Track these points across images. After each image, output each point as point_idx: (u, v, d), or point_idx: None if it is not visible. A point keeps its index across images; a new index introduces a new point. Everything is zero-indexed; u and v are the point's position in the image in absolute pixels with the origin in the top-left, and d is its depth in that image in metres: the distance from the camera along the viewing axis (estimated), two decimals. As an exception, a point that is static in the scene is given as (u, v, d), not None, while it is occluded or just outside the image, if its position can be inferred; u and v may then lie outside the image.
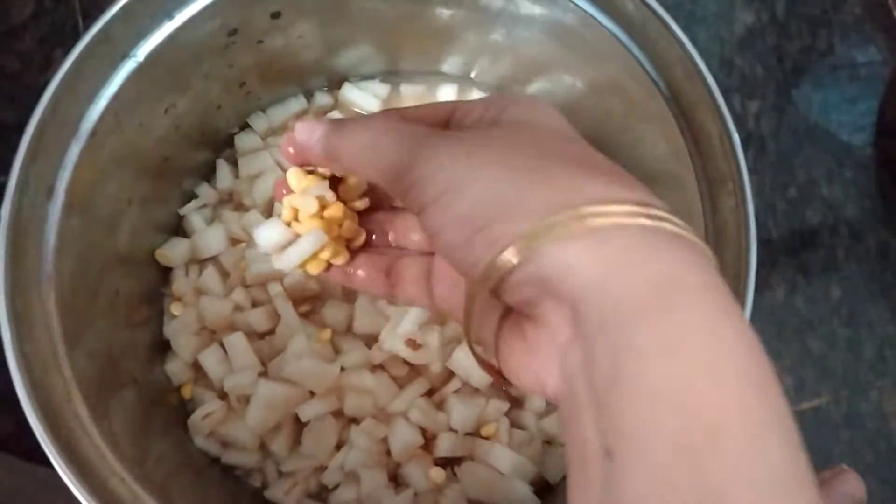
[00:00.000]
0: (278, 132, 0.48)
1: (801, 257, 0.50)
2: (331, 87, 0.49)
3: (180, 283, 0.44)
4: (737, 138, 0.34)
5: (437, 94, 0.50)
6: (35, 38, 0.51)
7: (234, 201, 0.47)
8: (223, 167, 0.47)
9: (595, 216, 0.18)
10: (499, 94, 0.49)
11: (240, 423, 0.41)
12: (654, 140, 0.39)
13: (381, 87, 0.49)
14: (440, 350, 0.41)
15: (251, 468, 0.42)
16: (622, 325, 0.17)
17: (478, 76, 0.49)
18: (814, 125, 0.52)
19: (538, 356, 0.20)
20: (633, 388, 0.17)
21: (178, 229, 0.46)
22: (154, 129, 0.40)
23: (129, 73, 0.36)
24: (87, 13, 0.52)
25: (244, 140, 0.47)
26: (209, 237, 0.44)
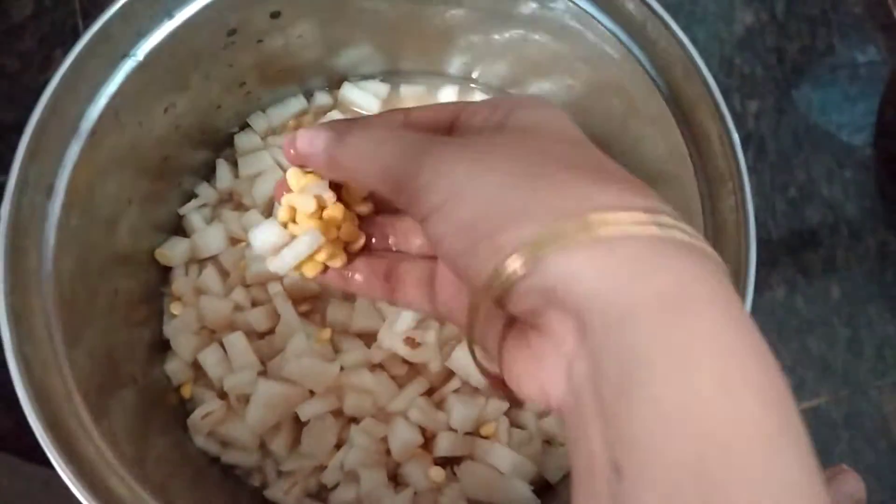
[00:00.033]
0: (278, 132, 0.48)
1: (800, 257, 0.50)
2: (330, 86, 0.49)
3: (180, 282, 0.44)
4: (736, 138, 0.33)
5: (437, 95, 0.50)
6: (35, 37, 0.51)
7: (233, 201, 0.47)
8: (223, 167, 0.47)
9: (602, 224, 0.18)
10: (504, 96, 0.48)
11: (239, 423, 0.41)
12: (653, 140, 0.39)
13: (381, 87, 0.49)
14: (438, 348, 0.41)
15: (251, 468, 0.42)
16: (630, 337, 0.17)
17: (478, 76, 0.49)
18: (813, 125, 0.52)
19: (543, 366, 0.20)
20: (641, 400, 0.17)
21: (178, 229, 0.46)
22: (154, 128, 0.40)
23: (129, 73, 0.36)
24: (86, 13, 0.52)
25: (244, 140, 0.47)
26: (209, 237, 0.44)
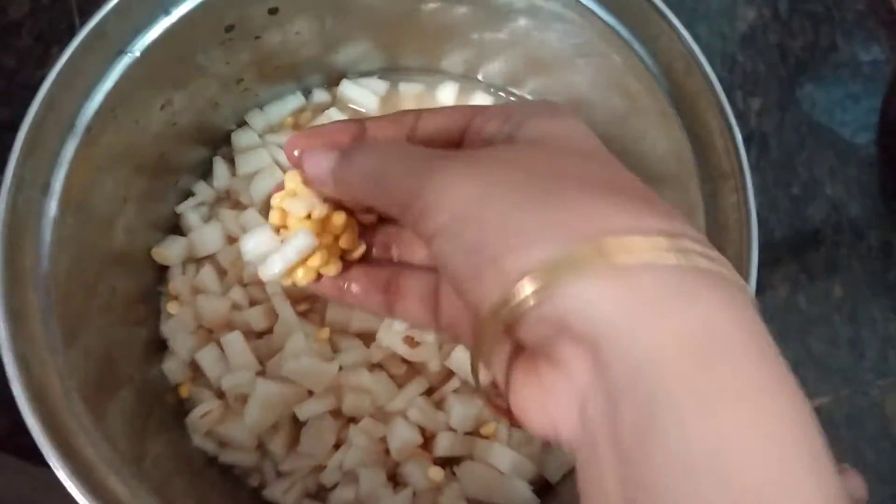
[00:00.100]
0: (276, 130, 0.48)
1: (803, 256, 0.50)
2: (329, 84, 0.49)
3: (177, 281, 0.44)
4: (738, 134, 0.33)
5: (436, 93, 0.49)
6: (32, 35, 0.51)
7: (231, 199, 0.46)
8: (220, 165, 0.46)
9: (619, 250, 0.17)
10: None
11: (238, 423, 0.41)
12: (655, 137, 0.38)
13: (380, 85, 0.49)
14: (438, 347, 0.41)
15: (249, 468, 0.42)
16: (654, 378, 0.16)
17: (479, 74, 0.49)
18: (816, 123, 0.52)
19: (553, 398, 0.19)
20: (665, 448, 0.16)
21: (175, 227, 0.46)
22: (150, 125, 0.40)
23: (126, 69, 0.35)
24: (83, 10, 0.51)
25: (241, 137, 0.47)
26: (206, 235, 0.44)
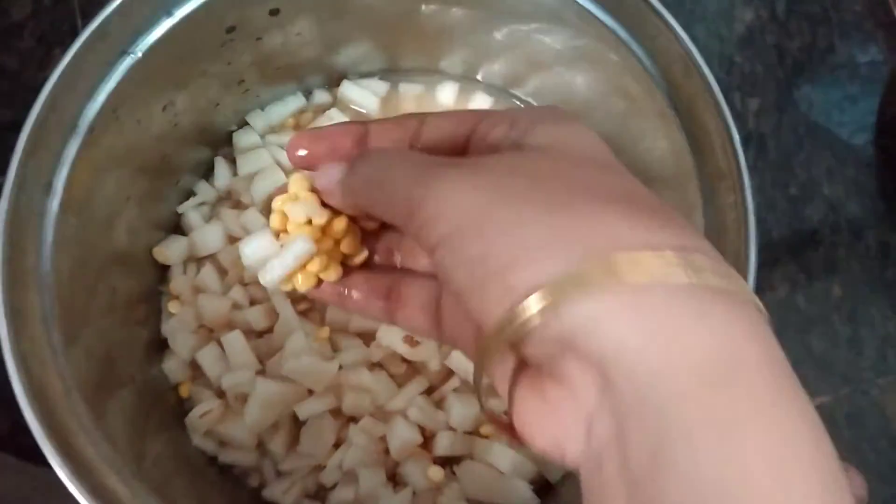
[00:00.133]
0: (277, 130, 0.48)
1: (801, 256, 0.50)
2: (330, 84, 0.49)
3: (178, 281, 0.44)
4: (736, 135, 0.33)
5: (436, 93, 0.50)
6: (34, 36, 0.51)
7: (232, 199, 0.47)
8: (221, 165, 0.47)
9: (629, 267, 0.16)
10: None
11: (238, 422, 0.41)
12: (653, 137, 0.39)
13: (380, 85, 0.49)
14: (438, 346, 0.41)
15: (249, 467, 0.42)
16: (665, 402, 0.16)
17: (478, 75, 0.49)
18: (814, 123, 0.52)
19: (558, 418, 0.18)
20: (675, 472, 0.15)
21: (177, 227, 0.46)
22: (152, 126, 0.40)
23: (128, 70, 0.36)
24: (85, 12, 0.52)
25: (242, 138, 0.47)
26: (207, 235, 0.44)
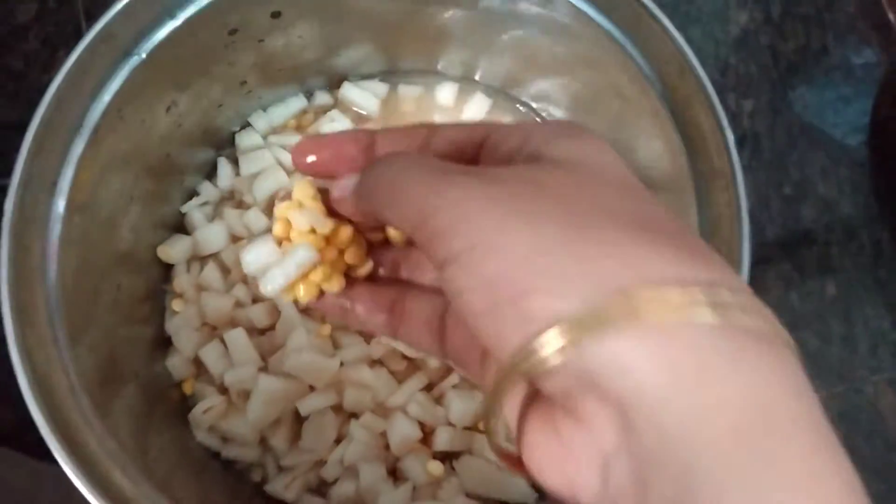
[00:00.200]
0: (279, 131, 0.49)
1: (795, 254, 0.51)
2: (331, 86, 0.50)
3: (182, 279, 0.45)
4: (730, 133, 0.34)
5: (435, 94, 0.50)
6: (39, 38, 0.52)
7: (235, 199, 0.47)
8: (224, 165, 0.47)
9: (656, 305, 0.15)
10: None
11: (240, 418, 0.41)
12: (648, 137, 0.39)
13: (381, 87, 0.50)
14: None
15: (251, 462, 0.43)
16: (691, 453, 0.15)
17: (476, 76, 0.50)
18: (808, 124, 0.53)
19: (572, 457, 0.17)
20: None
21: (180, 226, 0.46)
22: (156, 126, 0.41)
23: (132, 71, 0.36)
24: (89, 14, 0.52)
25: (245, 138, 0.48)
26: (210, 234, 0.45)
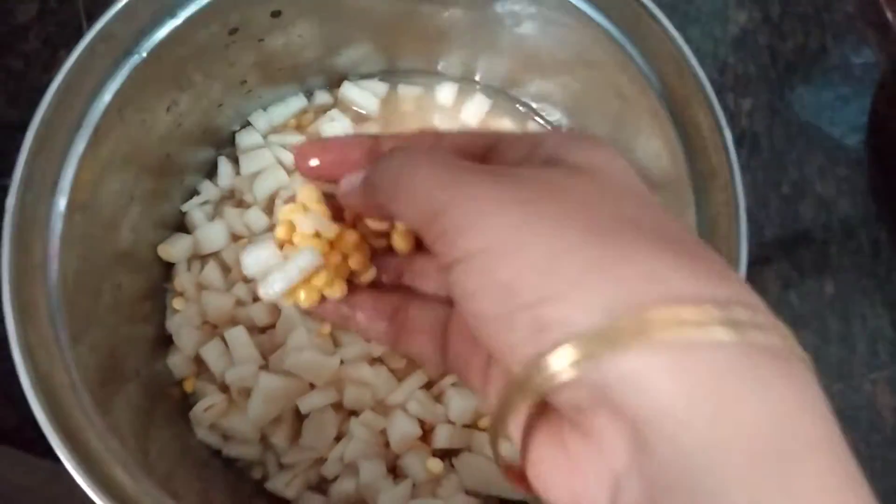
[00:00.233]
0: (279, 130, 0.49)
1: (794, 253, 0.51)
2: (330, 85, 0.50)
3: (182, 278, 0.45)
4: (728, 132, 0.34)
5: (435, 94, 0.50)
6: (39, 38, 0.52)
7: (235, 198, 0.47)
8: (224, 164, 0.47)
9: (677, 323, 0.15)
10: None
11: (241, 416, 0.41)
12: (647, 136, 0.39)
13: (380, 86, 0.50)
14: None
15: (252, 460, 0.43)
16: (711, 477, 0.14)
17: (475, 76, 0.50)
18: (807, 123, 0.53)
19: (579, 473, 0.17)
20: None
21: (181, 225, 0.47)
22: (156, 125, 0.41)
23: (132, 70, 0.36)
24: (90, 14, 0.52)
25: (245, 138, 0.48)
26: (211, 233, 0.45)
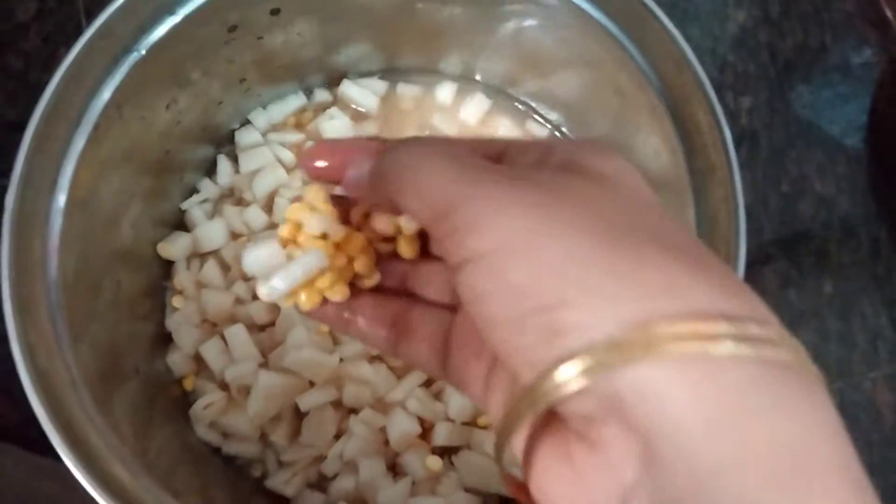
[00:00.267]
0: (278, 128, 0.49)
1: (793, 251, 0.51)
2: (330, 83, 0.50)
3: (182, 276, 0.45)
4: (726, 128, 0.34)
5: (435, 92, 0.50)
6: (39, 36, 0.52)
7: (234, 196, 0.47)
8: (224, 162, 0.47)
9: (695, 337, 0.15)
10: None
11: (240, 414, 0.41)
12: (646, 133, 0.39)
13: (380, 85, 0.50)
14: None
15: (252, 458, 0.43)
16: (727, 497, 0.14)
17: (475, 75, 0.50)
18: (806, 121, 0.53)
19: (585, 487, 0.16)
20: None
21: (180, 223, 0.47)
22: (156, 123, 0.41)
23: (131, 67, 0.36)
24: (90, 12, 0.52)
25: (244, 136, 0.48)
26: (210, 231, 0.45)
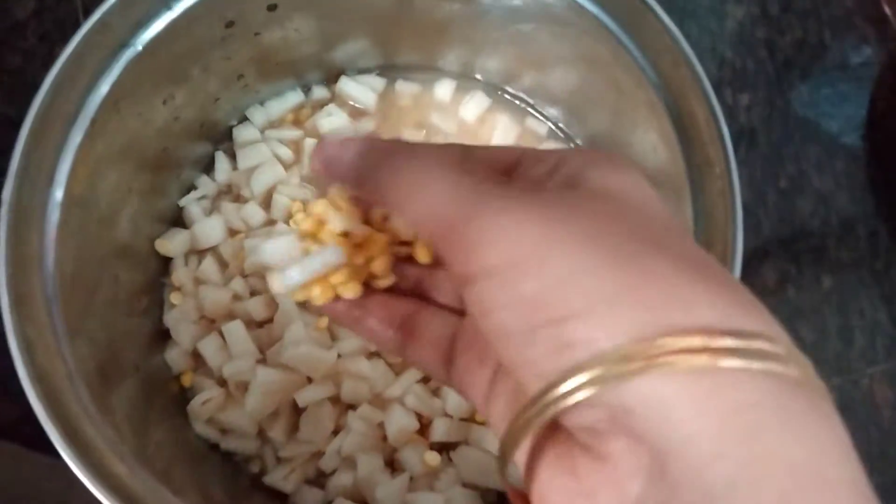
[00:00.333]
0: (276, 125, 0.49)
1: (792, 247, 0.51)
2: (328, 80, 0.50)
3: (180, 272, 0.45)
4: (723, 122, 0.34)
5: (434, 89, 0.50)
6: (37, 34, 0.52)
7: (232, 193, 0.47)
8: (221, 159, 0.47)
9: (707, 351, 0.15)
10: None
11: (239, 410, 0.41)
12: (644, 129, 0.39)
13: (378, 81, 0.50)
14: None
15: (250, 454, 0.43)
16: None
17: (474, 72, 0.50)
18: (804, 117, 0.53)
19: (590, 501, 0.16)
20: None
21: (178, 220, 0.47)
22: (153, 119, 0.41)
23: (129, 63, 0.36)
24: (88, 10, 0.52)
25: (242, 132, 0.48)
26: (208, 228, 0.45)
